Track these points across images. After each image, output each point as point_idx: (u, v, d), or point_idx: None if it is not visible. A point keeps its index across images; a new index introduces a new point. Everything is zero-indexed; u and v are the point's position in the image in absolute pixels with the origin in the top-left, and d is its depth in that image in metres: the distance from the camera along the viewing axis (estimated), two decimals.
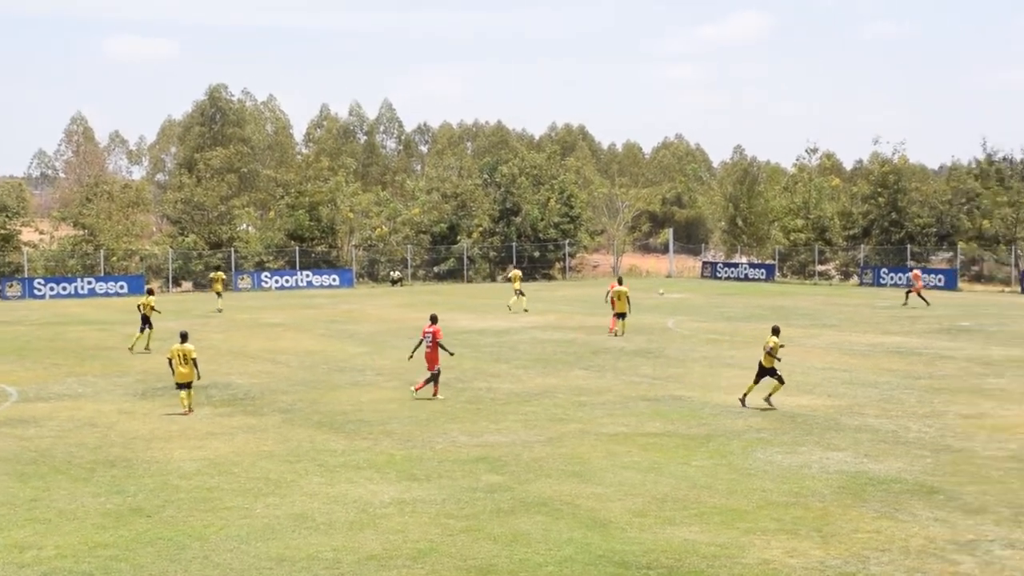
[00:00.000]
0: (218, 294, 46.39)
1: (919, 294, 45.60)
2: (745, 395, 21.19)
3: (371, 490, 14.85)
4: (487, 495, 14.54)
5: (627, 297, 34.05)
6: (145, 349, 30.83)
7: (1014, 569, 11.40)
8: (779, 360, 21.06)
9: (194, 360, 20.60)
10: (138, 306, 31.66)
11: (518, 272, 45.67)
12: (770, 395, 20.97)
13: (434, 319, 22.59)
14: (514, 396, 22.71)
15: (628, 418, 19.99)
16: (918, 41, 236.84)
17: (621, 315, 33.93)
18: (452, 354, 23.67)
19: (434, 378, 22.09)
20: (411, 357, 23.18)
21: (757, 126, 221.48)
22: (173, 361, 20.71)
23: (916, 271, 47.98)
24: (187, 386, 20.81)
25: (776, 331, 21.19)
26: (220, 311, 44.62)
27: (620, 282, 34.77)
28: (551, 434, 18.60)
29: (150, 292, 32.81)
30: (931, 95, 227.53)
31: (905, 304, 45.05)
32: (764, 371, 20.84)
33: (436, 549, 12.19)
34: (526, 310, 42.55)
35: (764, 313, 41.90)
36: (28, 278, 55.92)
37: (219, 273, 47.21)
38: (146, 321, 31.00)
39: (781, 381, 20.95)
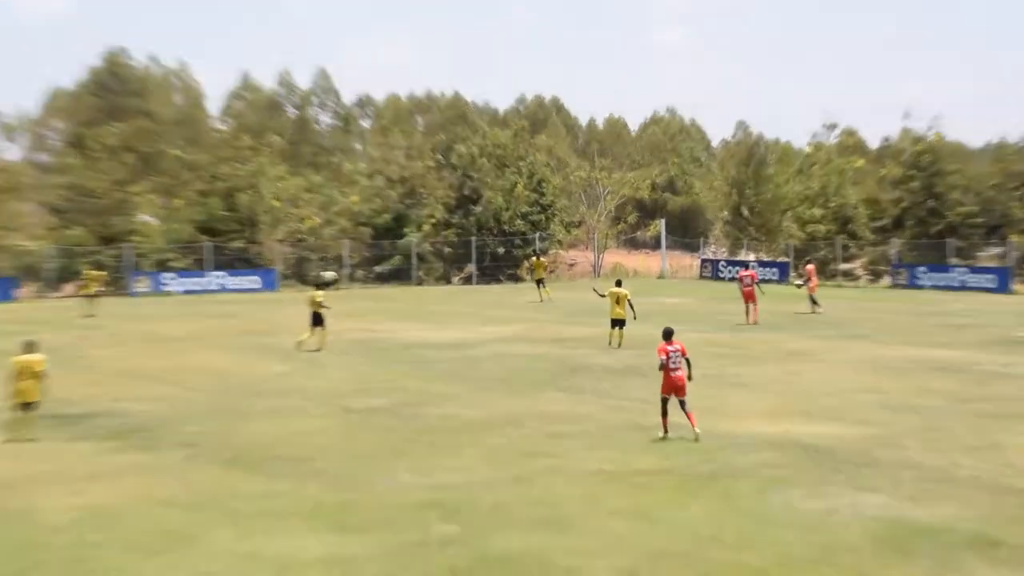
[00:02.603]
0: (91, 296, 46.34)
1: (811, 295, 45.53)
2: None
3: (294, 545, 14.50)
4: (439, 550, 14.22)
5: (629, 301, 34.16)
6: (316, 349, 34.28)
7: None
8: None
9: (42, 374, 21.00)
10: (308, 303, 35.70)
11: (539, 260, 54.12)
12: None
13: (670, 334, 20.93)
14: (473, 425, 22.41)
15: (613, 452, 19.73)
16: None
17: (619, 323, 34.00)
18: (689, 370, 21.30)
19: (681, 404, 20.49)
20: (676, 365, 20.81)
21: (764, 98, 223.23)
22: (14, 377, 20.93)
23: (810, 266, 47.83)
24: (32, 406, 20.99)
25: None
26: (92, 316, 45.54)
27: (619, 284, 35.10)
28: (518, 472, 18.32)
29: (318, 286, 37.13)
30: (971, 60, 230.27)
31: (816, 310, 44.86)
32: None
33: None
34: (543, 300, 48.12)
35: (778, 321, 41.91)
36: None
37: (95, 272, 47.58)
38: (317, 319, 34.77)
39: None
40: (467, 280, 70.50)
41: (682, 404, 20.56)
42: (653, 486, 17.34)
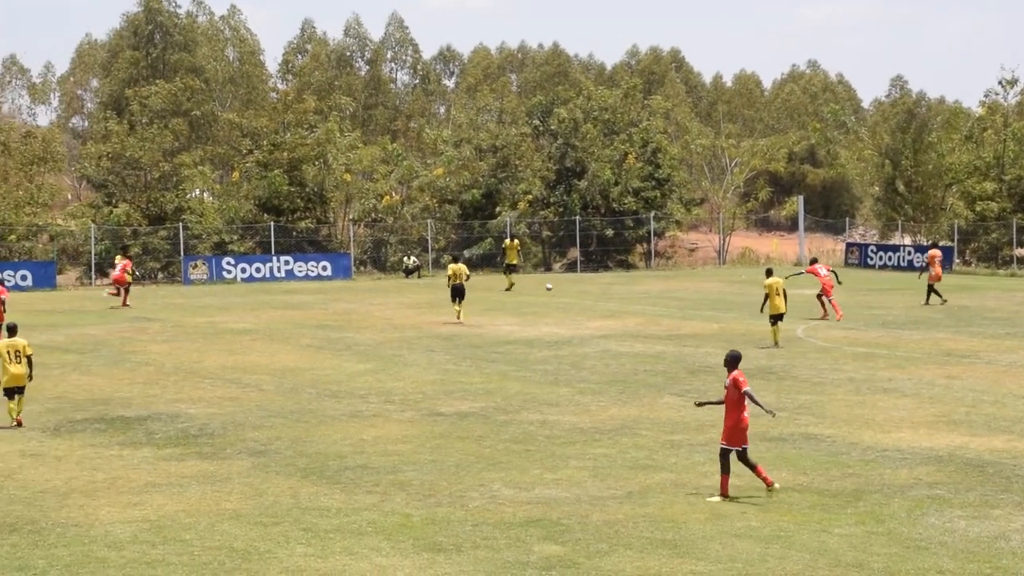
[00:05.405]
0: (121, 287, 47.36)
1: (932, 286, 45.40)
2: None
3: (379, 564, 14.91)
4: (542, 573, 14.55)
5: (785, 292, 34.51)
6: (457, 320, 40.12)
7: None
8: None
9: (29, 358, 23.64)
10: (448, 277, 41.26)
11: (512, 243, 56.75)
12: None
13: (738, 359, 18.46)
14: (579, 433, 22.72)
15: (742, 465, 19.87)
16: None
17: (778, 317, 34.20)
18: (773, 414, 19.51)
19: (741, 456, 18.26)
20: (700, 404, 19.61)
21: (926, 48, 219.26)
22: (3, 359, 23.38)
23: (934, 251, 47.42)
24: (20, 391, 23.59)
25: None
26: (124, 306, 46.97)
27: (770, 274, 35.10)
28: (632, 487, 18.63)
29: (456, 259, 43.37)
30: None
31: (931, 301, 44.99)
32: None
33: None
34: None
35: (937, 317, 41.60)
36: None
37: (125, 258, 48.69)
38: (459, 292, 40.14)
39: None
40: (570, 267, 70.69)
41: (742, 456, 18.20)
42: (788, 505, 17.53)
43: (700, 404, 19.50)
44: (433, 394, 27.16)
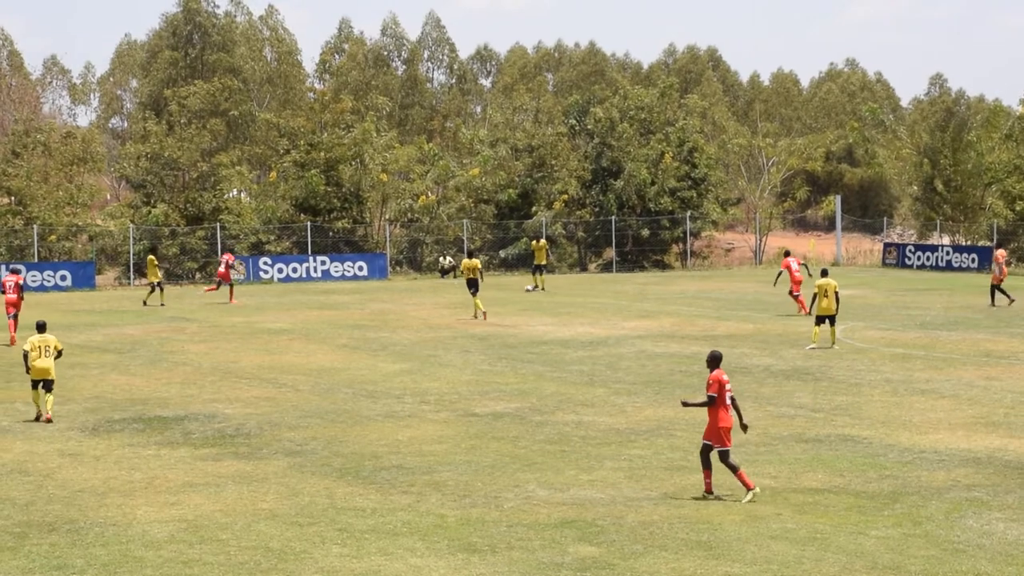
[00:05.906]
0: (155, 285, 47.69)
1: (998, 286, 45.03)
2: None
3: (413, 565, 14.96)
4: (577, 574, 14.56)
5: (836, 293, 34.41)
6: (480, 316, 41.36)
7: None
8: None
9: (59, 352, 24.60)
10: (462, 271, 43.55)
11: (540, 244, 56.31)
12: None
13: (716, 361, 18.25)
14: (614, 434, 22.76)
15: (778, 467, 19.93)
16: None
17: (827, 318, 34.08)
18: (683, 403, 19.38)
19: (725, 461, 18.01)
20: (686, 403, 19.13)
21: (965, 47, 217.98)
22: (31, 354, 24.07)
23: (1001, 250, 47.33)
24: (47, 386, 24.20)
25: None
26: (163, 305, 47.65)
27: (825, 274, 35.05)
28: (667, 488, 18.65)
29: (471, 255, 45.43)
30: None
31: (996, 302, 44.64)
32: None
33: None
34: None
35: (976, 317, 41.37)
36: None
37: (151, 256, 49.34)
38: (473, 284, 41.78)
39: None
40: (606, 267, 70.65)
41: (726, 456, 18.05)
42: (824, 506, 17.50)
43: (686, 404, 19.07)
44: (468, 394, 27.23)
